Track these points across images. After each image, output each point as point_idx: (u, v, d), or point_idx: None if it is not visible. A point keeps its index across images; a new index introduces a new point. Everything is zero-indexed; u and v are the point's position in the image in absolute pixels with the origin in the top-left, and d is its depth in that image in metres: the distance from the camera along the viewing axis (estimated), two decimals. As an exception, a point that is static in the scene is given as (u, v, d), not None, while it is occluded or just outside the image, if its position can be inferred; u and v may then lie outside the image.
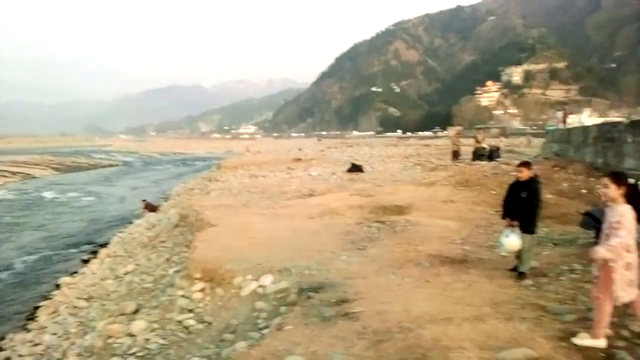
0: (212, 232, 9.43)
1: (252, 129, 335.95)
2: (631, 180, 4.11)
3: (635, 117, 46.85)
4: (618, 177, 3.92)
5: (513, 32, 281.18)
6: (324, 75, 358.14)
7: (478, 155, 27.16)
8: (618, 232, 3.72)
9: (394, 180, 18.53)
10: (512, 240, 5.83)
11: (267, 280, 6.71)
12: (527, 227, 5.92)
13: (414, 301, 5.19)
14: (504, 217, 6.18)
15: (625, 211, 3.78)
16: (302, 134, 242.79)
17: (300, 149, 51.37)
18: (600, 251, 3.76)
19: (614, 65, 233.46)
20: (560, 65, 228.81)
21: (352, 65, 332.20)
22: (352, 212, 11.26)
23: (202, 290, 7.08)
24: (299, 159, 32.70)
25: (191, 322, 6.51)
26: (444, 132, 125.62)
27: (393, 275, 6.37)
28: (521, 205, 5.94)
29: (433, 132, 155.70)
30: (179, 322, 6.60)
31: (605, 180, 3.91)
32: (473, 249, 7.58)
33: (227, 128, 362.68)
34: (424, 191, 14.24)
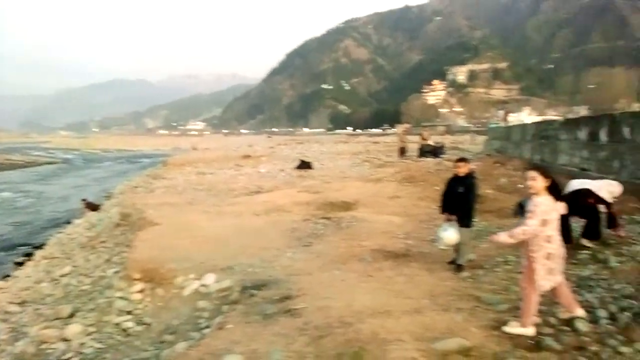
0: (154, 231, 9.16)
1: (200, 125, 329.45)
2: None
3: (570, 116, 49.59)
4: (544, 170, 4.09)
5: (458, 33, 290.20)
6: (274, 72, 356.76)
7: (424, 152, 27.90)
8: (527, 221, 3.89)
9: (342, 176, 18.69)
10: (450, 234, 6.00)
11: (209, 279, 6.60)
12: (464, 221, 6.11)
13: (356, 296, 5.25)
14: (442, 211, 6.36)
15: (541, 202, 3.92)
16: (252, 131, 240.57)
17: (250, 146, 50.96)
18: (501, 236, 3.98)
19: (551, 66, 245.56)
20: (502, 65, 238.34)
21: (302, 62, 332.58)
22: (299, 208, 11.26)
23: (141, 291, 6.86)
24: (248, 156, 32.40)
25: (129, 324, 6.30)
26: (393, 129, 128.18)
27: (337, 271, 6.42)
28: (458, 200, 6.12)
29: (382, 129, 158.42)
30: (117, 324, 6.36)
31: (533, 173, 4.06)
32: (416, 243, 7.74)
33: (174, 124, 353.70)
34: (370, 187, 14.44)
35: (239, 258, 7.25)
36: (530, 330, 4.00)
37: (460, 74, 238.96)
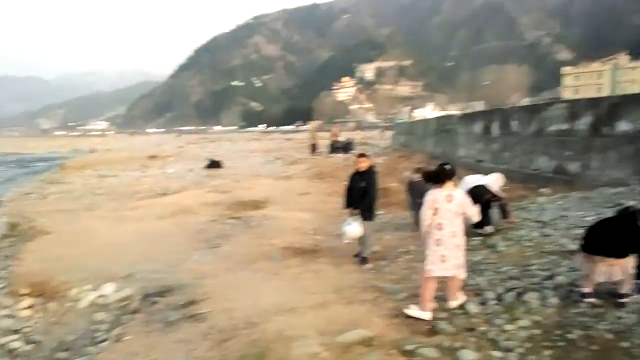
0: (45, 241, 8.47)
1: (103, 125, 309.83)
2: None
3: (468, 111, 52.99)
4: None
5: (365, 31, 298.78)
6: (182, 68, 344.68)
7: (334, 148, 28.48)
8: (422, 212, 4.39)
9: (253, 175, 18.52)
10: (354, 228, 6.17)
11: (108, 289, 6.22)
12: (367, 214, 6.31)
13: (262, 295, 5.21)
14: (346, 206, 6.49)
15: (429, 193, 4.40)
16: (161, 130, 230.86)
17: (157, 146, 48.89)
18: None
19: (451, 63, 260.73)
20: (407, 63, 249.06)
21: (211, 58, 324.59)
22: (207, 209, 10.97)
23: (30, 307, 6.29)
24: (154, 157, 31.04)
25: (17, 344, 5.74)
26: (306, 126, 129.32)
27: (245, 271, 6.34)
28: (361, 194, 6.29)
29: (295, 126, 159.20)
30: (2, 345, 5.80)
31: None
32: (324, 239, 7.85)
33: (73, 124, 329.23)
34: (281, 185, 14.45)
35: (141, 264, 6.90)
36: (426, 315, 4.21)
37: (368, 71, 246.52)
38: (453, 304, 4.36)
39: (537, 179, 12.18)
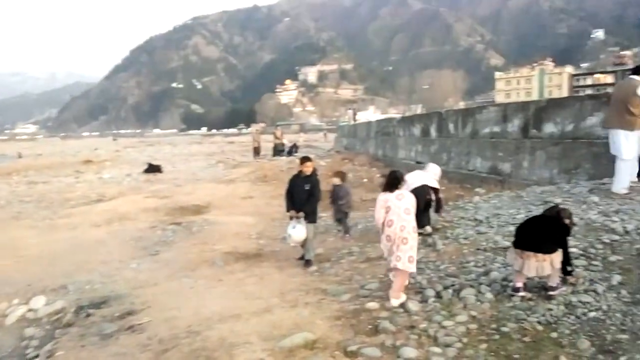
0: (-33, 254, 7.88)
1: (32, 128, 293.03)
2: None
3: (407, 114, 54.53)
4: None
5: (306, 34, 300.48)
6: (118, 69, 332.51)
7: (278, 151, 28.39)
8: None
9: (194, 179, 18.14)
10: (299, 231, 6.21)
11: (38, 302, 5.86)
12: (311, 217, 6.38)
13: (205, 302, 5.09)
14: (288, 209, 6.49)
15: (382, 194, 4.74)
16: (96, 133, 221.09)
17: (92, 150, 46.76)
18: None
19: (391, 68, 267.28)
20: (348, 66, 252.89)
21: (149, 59, 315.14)
22: (145, 215, 10.62)
23: (-49, 324, 5.83)
24: (89, 161, 29.70)
25: (-64, 364, 5.31)
26: (249, 129, 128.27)
27: (186, 279, 6.18)
28: (305, 197, 6.35)
29: (238, 129, 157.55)
30: None
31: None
32: (267, 242, 7.81)
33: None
34: (223, 189, 14.24)
35: (74, 275, 6.57)
36: (400, 300, 4.50)
37: (311, 74, 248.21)
38: (394, 302, 4.45)
39: (473, 179, 12.71)
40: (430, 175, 7.45)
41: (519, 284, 4.21)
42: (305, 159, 6.75)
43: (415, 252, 4.67)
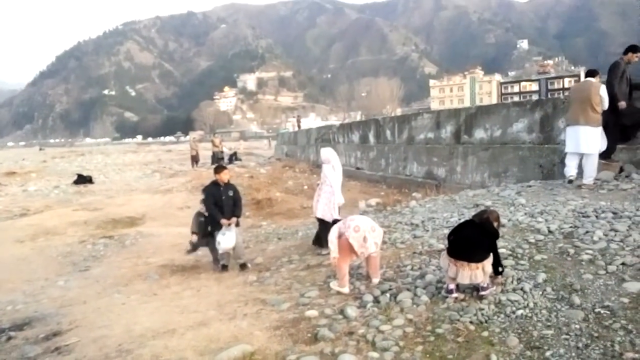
0: None
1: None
2: None
3: (346, 121, 55.28)
4: None
5: (244, 41, 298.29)
6: (44, 75, 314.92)
7: (217, 159, 27.85)
8: None
9: (128, 189, 17.41)
10: (228, 237, 6.33)
11: (-48, 327, 5.38)
12: (238, 222, 6.67)
13: (137, 319, 4.87)
14: (219, 219, 6.53)
15: None
16: (22, 143, 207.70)
17: (17, 161, 43.80)
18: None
19: (329, 75, 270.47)
20: (288, 74, 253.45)
21: (77, 65, 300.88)
22: (74, 229, 10.07)
23: None
24: (13, 173, 27.75)
25: None
26: (187, 137, 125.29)
27: (118, 294, 5.90)
28: (232, 203, 6.58)
29: (176, 137, 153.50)
30: None
31: None
32: (205, 253, 7.59)
33: None
34: (159, 199, 13.78)
35: (-7, 296, 6.10)
36: (346, 290, 4.91)
37: (250, 81, 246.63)
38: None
39: (410, 184, 13.06)
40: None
41: (452, 286, 4.33)
42: (220, 168, 6.95)
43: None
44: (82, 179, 19.99)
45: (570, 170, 7.69)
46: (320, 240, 6.72)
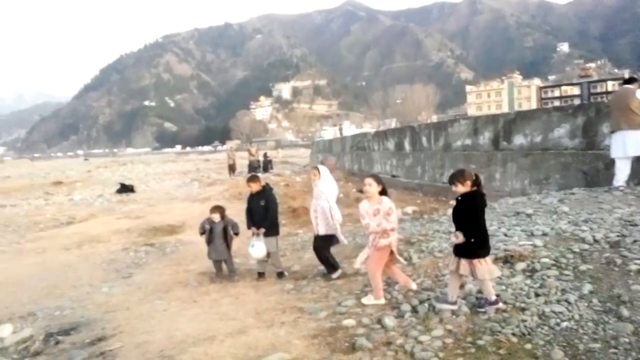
0: None
1: (0, 150, 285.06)
2: None
3: (382, 128, 55.10)
4: (378, 177, 5.15)
5: (279, 51, 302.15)
6: (88, 88, 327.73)
7: (253, 167, 28.27)
8: (389, 217, 4.90)
9: (168, 198, 17.87)
10: (259, 248, 6.37)
11: (5, 330, 5.63)
12: (272, 230, 6.56)
13: (178, 325, 4.98)
14: (249, 227, 6.62)
15: (389, 201, 5.00)
16: (68, 154, 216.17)
17: (63, 171, 45.62)
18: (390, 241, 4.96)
19: (364, 83, 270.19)
20: (322, 82, 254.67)
21: (120, 78, 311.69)
22: (117, 237, 10.39)
23: None
24: (60, 182, 28.94)
25: None
26: (224, 146, 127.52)
27: (159, 301, 6.04)
28: (262, 212, 6.55)
29: (213, 146, 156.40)
30: None
31: (369, 180, 5.03)
32: (242, 261, 7.69)
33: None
34: (198, 207, 14.04)
35: (43, 301, 6.36)
36: (382, 301, 4.86)
37: (285, 90, 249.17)
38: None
39: (447, 192, 12.85)
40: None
41: (493, 297, 4.24)
42: (249, 180, 6.94)
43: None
44: (125, 188, 20.66)
45: (622, 177, 7.66)
46: (330, 263, 6.32)
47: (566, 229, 5.84)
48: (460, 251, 4.22)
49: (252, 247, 6.39)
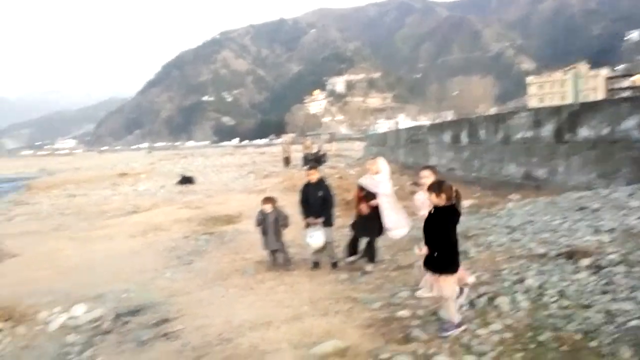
0: (12, 264, 8.20)
1: (71, 143, 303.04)
2: None
3: (438, 121, 54.01)
4: (435, 169, 5.18)
5: (333, 44, 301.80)
6: (150, 84, 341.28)
7: (308, 160, 28.49)
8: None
9: (226, 189, 18.38)
10: (318, 238, 6.41)
11: (78, 310, 6.04)
12: (329, 220, 6.63)
13: (236, 311, 5.15)
14: (305, 217, 6.68)
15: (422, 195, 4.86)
16: (132, 147, 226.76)
17: (127, 163, 47.99)
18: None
19: (419, 75, 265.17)
20: (376, 75, 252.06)
21: (179, 74, 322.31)
22: (179, 226, 10.82)
23: (-2, 332, 6.07)
24: (125, 174, 30.47)
25: (-15, 370, 5.53)
26: (279, 139, 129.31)
27: (218, 287, 6.26)
28: (320, 203, 6.58)
29: (269, 139, 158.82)
30: (-30, 373, 5.56)
31: (425, 171, 5.11)
32: (298, 251, 7.81)
33: (39, 144, 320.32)
34: (254, 199, 14.32)
35: (111, 284, 6.74)
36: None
37: (339, 83, 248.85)
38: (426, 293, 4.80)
39: (507, 186, 12.46)
40: (384, 178, 6.41)
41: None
42: (311, 168, 7.09)
43: None
44: (185, 180, 21.47)
45: None
46: (372, 253, 6.42)
47: (636, 225, 5.53)
48: (428, 264, 4.08)
49: (311, 238, 6.44)
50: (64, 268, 7.76)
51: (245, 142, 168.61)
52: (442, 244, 3.95)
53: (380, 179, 6.24)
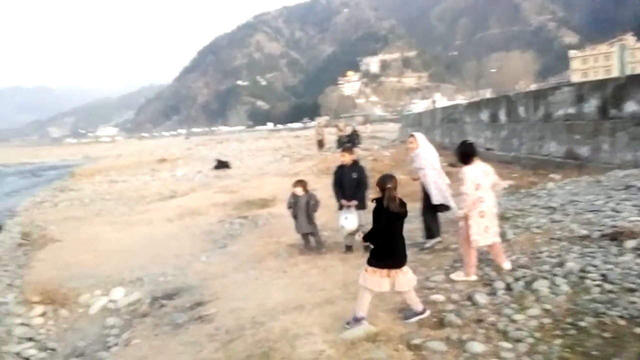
0: (55, 249, 8.53)
1: (112, 130, 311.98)
2: None
3: (476, 99, 52.60)
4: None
5: (367, 24, 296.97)
6: (187, 70, 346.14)
7: (342, 143, 28.32)
8: (462, 188, 4.63)
9: (261, 173, 18.54)
10: (352, 220, 6.30)
11: (118, 293, 6.25)
12: (363, 203, 6.48)
13: (269, 294, 5.18)
14: (339, 200, 6.58)
15: (464, 171, 4.70)
16: (170, 132, 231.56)
17: (166, 149, 49.10)
18: (459, 212, 4.75)
19: (456, 53, 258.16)
20: (411, 54, 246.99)
21: (215, 59, 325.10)
22: (214, 210, 11.00)
23: (43, 314, 6.33)
24: (164, 160, 31.22)
25: (32, 351, 5.78)
26: (313, 122, 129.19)
27: (252, 270, 6.33)
28: (354, 185, 6.47)
29: (303, 123, 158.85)
30: (17, 353, 5.82)
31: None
32: (330, 234, 7.81)
33: (82, 131, 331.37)
34: (288, 182, 14.32)
35: (149, 268, 6.93)
36: (473, 278, 4.69)
37: (373, 64, 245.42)
38: (507, 265, 4.71)
39: (547, 165, 12.03)
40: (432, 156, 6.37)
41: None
42: (344, 150, 6.90)
43: None
44: (221, 165, 21.77)
45: None
46: (432, 231, 6.32)
47: (687, 205, 5.22)
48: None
49: (345, 220, 6.34)
50: (104, 252, 8.02)
51: (279, 126, 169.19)
52: (373, 234, 4.09)
53: (418, 153, 6.17)
